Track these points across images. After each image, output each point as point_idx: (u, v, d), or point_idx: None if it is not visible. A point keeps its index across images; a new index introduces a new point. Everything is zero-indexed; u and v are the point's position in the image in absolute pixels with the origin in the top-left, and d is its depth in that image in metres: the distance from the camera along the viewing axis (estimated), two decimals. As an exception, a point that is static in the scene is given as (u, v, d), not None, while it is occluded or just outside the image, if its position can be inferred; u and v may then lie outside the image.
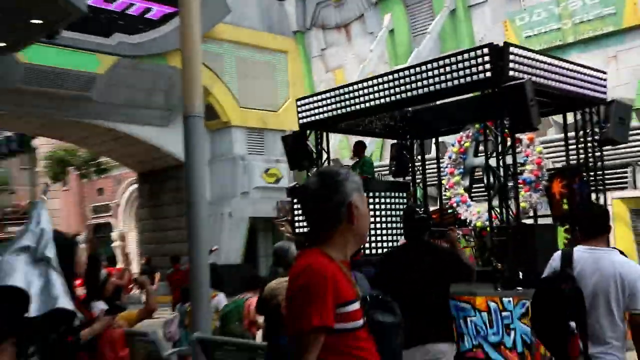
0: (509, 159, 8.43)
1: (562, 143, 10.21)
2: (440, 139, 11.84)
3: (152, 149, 22.12)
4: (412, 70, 8.80)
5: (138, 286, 10.37)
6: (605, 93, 9.80)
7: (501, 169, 8.15)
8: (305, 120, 10.66)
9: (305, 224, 10.30)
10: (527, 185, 9.85)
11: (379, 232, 9.79)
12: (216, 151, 23.34)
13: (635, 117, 10.74)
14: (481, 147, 10.14)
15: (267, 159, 23.11)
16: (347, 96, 9.79)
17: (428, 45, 20.28)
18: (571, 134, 9.91)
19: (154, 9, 20.60)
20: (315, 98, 10.47)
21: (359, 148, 11.24)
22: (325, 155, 11.01)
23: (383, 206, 9.86)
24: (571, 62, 9.51)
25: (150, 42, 20.40)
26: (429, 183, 12.14)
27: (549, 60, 8.80)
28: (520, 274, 7.31)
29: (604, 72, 9.78)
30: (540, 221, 10.34)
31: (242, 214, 22.08)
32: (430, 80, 8.59)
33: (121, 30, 20.14)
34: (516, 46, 8.44)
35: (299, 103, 10.84)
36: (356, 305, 2.24)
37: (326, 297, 2.13)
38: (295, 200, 11.18)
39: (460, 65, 8.24)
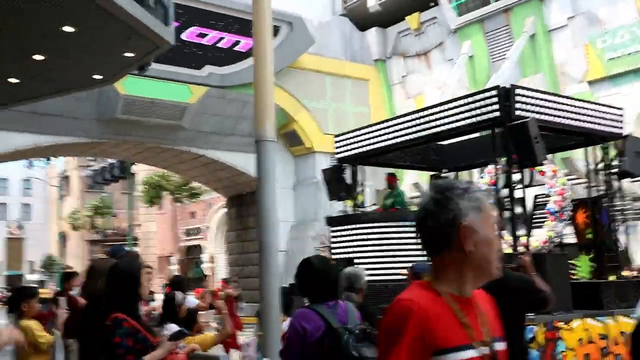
0: (532, 191, 9.63)
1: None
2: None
3: (239, 174, 22.60)
4: (430, 111, 9.77)
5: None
6: (621, 128, 10.30)
7: (521, 201, 9.14)
8: (342, 155, 11.67)
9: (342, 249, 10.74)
10: (552, 215, 10.39)
11: (408, 259, 10.07)
12: (300, 176, 23.58)
13: None
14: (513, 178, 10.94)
15: (349, 183, 23.14)
16: (378, 133, 10.77)
17: (507, 70, 19.86)
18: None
19: (242, 42, 21.17)
20: (350, 135, 11.55)
21: (391, 179, 11.97)
22: (360, 187, 11.89)
23: (412, 234, 9.81)
24: (585, 101, 10.26)
25: (238, 72, 20.90)
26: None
27: (559, 99, 9.53)
28: None
29: (620, 109, 10.35)
30: (568, 250, 10.70)
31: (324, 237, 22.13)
32: (447, 120, 9.47)
33: (211, 63, 20.79)
34: (523, 88, 9.21)
35: (336, 139, 11.93)
36: (468, 354, 1.73)
37: (402, 342, 1.68)
38: (332, 229, 11.52)
39: (473, 106, 9.11)
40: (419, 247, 1.86)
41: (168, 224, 35.38)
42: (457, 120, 9.40)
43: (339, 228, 11.64)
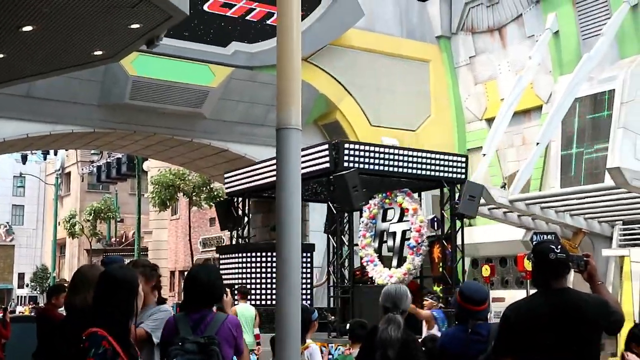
0: (401, 226, 15.03)
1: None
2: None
3: (269, 173, 22.71)
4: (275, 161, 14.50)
5: None
6: (463, 174, 14.98)
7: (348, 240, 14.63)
8: (231, 190, 16.48)
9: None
10: (410, 250, 14.06)
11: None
12: (342, 177, 23.61)
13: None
14: (389, 214, 15.21)
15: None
16: (260, 171, 15.35)
17: (602, 48, 19.49)
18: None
19: (276, 14, 21.26)
20: (240, 171, 16.54)
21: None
22: (246, 219, 17.12)
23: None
24: (424, 151, 15.20)
25: (269, 50, 20.88)
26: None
27: (389, 150, 14.25)
28: (348, 325, 10.01)
29: (464, 156, 15.46)
30: (427, 281, 15.56)
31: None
32: None
33: (238, 39, 20.92)
34: (352, 142, 14.55)
35: (226, 176, 17.60)
36: None
37: None
38: (222, 257, 16.67)
39: (311, 157, 13.29)
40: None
41: (183, 232, 35.74)
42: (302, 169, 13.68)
43: (228, 255, 15.47)
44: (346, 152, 13.05)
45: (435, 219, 15.09)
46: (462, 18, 24.80)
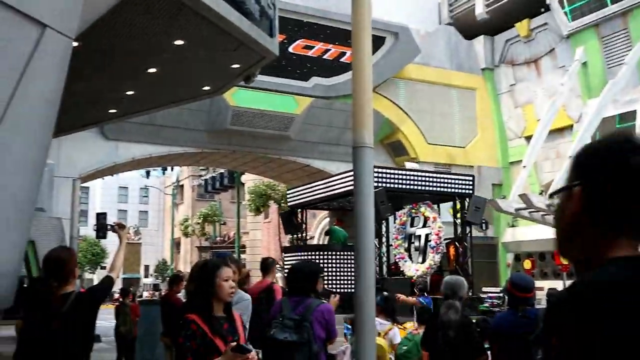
0: (425, 230, 15.39)
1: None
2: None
3: (344, 184, 22.67)
4: (326, 180, 16.22)
5: None
6: (471, 190, 15.39)
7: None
8: (292, 203, 17.30)
9: None
10: (431, 249, 14.70)
11: (342, 279, 14.47)
12: (404, 186, 23.43)
13: None
14: (415, 221, 15.90)
15: (454, 194, 22.72)
16: (313, 189, 16.28)
17: (625, 75, 18.79)
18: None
19: (348, 53, 21.32)
20: (299, 189, 17.24)
21: (337, 220, 17.85)
22: (304, 226, 17.71)
23: (343, 261, 14.58)
24: (439, 172, 16.46)
25: (343, 83, 21.01)
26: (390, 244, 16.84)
27: (405, 172, 15.28)
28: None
29: (472, 176, 15.99)
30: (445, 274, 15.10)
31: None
32: (337, 186, 15.30)
33: (318, 74, 21.05)
34: (378, 167, 14.72)
35: (289, 192, 18.29)
36: None
37: None
38: (285, 255, 16.95)
39: (348, 178, 13.44)
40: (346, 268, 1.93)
41: (274, 232, 36.04)
42: (341, 187, 14.89)
43: (289, 254, 15.84)
44: (375, 174, 13.80)
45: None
46: (503, 53, 24.34)
